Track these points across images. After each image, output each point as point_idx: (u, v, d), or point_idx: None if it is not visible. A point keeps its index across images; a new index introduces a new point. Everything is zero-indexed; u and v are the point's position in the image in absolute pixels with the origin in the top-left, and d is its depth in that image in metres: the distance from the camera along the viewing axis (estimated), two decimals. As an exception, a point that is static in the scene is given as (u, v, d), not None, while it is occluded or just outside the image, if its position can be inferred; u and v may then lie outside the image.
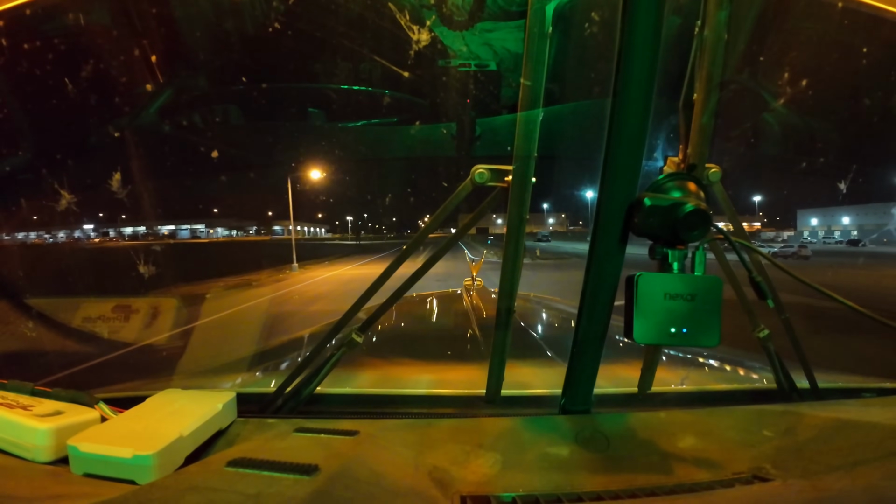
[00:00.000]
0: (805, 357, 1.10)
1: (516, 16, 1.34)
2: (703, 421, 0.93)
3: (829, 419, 0.92)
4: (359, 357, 1.41)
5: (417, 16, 1.29)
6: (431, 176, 3.08)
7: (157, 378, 1.37)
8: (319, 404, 1.06)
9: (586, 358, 0.88)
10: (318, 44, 1.45)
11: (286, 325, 8.99)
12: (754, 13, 1.24)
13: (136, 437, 0.73)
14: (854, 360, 5.22)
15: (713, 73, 0.90)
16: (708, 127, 0.92)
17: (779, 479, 0.74)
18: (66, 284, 8.15)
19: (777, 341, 1.10)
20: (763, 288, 0.89)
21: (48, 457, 0.75)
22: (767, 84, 1.51)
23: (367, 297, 1.03)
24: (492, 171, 0.95)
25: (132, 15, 1.37)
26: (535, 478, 0.76)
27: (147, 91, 1.51)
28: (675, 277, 0.75)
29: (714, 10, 0.87)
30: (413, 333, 2.26)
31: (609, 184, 0.75)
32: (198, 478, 0.63)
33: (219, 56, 1.54)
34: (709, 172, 0.99)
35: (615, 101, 0.71)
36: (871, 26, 1.25)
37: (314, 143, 1.85)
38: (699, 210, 0.71)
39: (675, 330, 0.74)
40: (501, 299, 1.01)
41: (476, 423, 0.92)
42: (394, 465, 0.73)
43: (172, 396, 0.90)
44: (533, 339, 1.83)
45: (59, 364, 2.60)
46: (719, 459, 0.81)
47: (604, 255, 0.79)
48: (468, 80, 1.54)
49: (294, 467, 0.64)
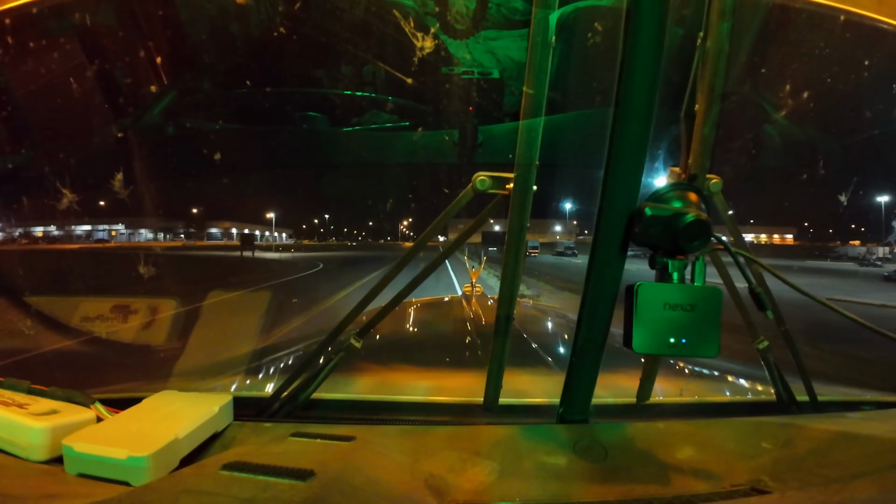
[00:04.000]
0: (804, 369, 1.10)
1: (520, 25, 1.35)
2: (701, 432, 0.93)
3: (828, 432, 0.91)
4: (356, 362, 1.40)
5: (421, 23, 1.30)
6: (432, 182, 3.07)
7: (154, 379, 1.36)
8: (316, 409, 1.06)
9: (585, 367, 0.87)
10: (322, 49, 1.46)
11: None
12: (756, 25, 1.25)
13: (131, 438, 0.73)
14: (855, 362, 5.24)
15: (715, 84, 0.90)
16: (709, 137, 0.92)
17: (777, 492, 0.73)
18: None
19: (776, 353, 1.10)
20: (763, 299, 0.89)
21: (43, 456, 0.74)
22: (769, 95, 1.52)
23: (367, 302, 1.03)
24: (493, 178, 0.95)
25: (138, 16, 1.38)
26: (531, 487, 0.75)
27: (141, 92, 1.52)
28: (675, 287, 0.75)
29: (716, 22, 0.88)
30: (411, 339, 2.25)
31: (610, 193, 0.75)
32: (192, 481, 0.63)
33: (222, 59, 1.55)
34: (710, 183, 0.99)
35: (617, 110, 0.71)
36: (872, 39, 1.26)
37: (315, 147, 1.85)
38: (700, 220, 0.71)
39: (674, 340, 0.74)
40: (500, 306, 1.01)
41: (473, 430, 0.91)
42: (390, 472, 0.73)
43: (169, 398, 0.90)
44: (532, 347, 1.83)
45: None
46: (718, 471, 0.80)
47: (604, 264, 0.79)
48: (471, 88, 1.55)
49: (290, 472, 0.64)
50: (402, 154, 1.77)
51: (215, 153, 1.66)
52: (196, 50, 1.48)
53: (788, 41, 1.37)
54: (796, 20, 1.33)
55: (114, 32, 1.41)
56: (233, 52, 1.51)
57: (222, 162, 1.61)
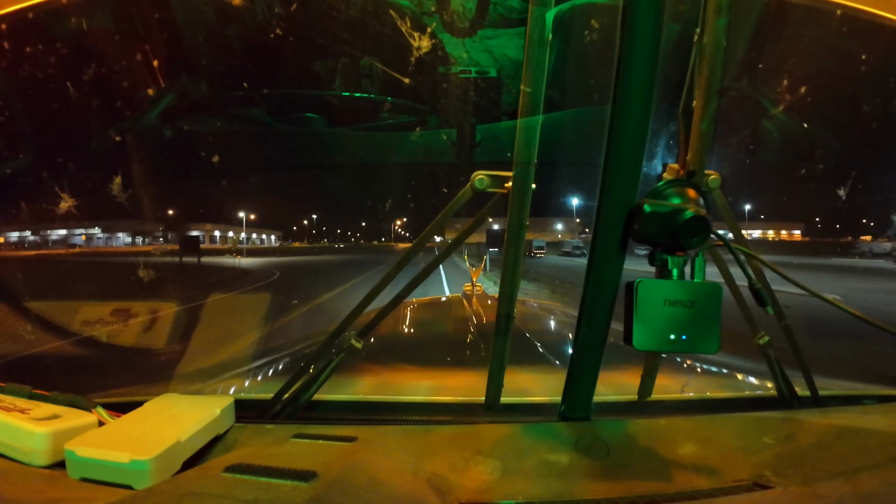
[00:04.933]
0: (805, 364, 1.10)
1: (516, 23, 1.35)
2: (703, 428, 0.93)
3: (829, 426, 0.91)
4: (357, 363, 1.40)
5: (418, 23, 1.29)
6: (430, 182, 3.06)
7: (156, 382, 1.36)
8: (318, 410, 1.06)
9: (586, 364, 0.88)
10: (319, 49, 1.46)
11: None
12: (753, 21, 1.25)
13: (133, 441, 0.73)
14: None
15: (712, 79, 0.90)
16: (707, 133, 0.92)
17: (779, 487, 0.73)
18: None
19: (777, 348, 1.10)
20: (763, 295, 0.89)
21: (45, 461, 0.74)
22: (766, 91, 1.52)
23: (367, 303, 1.03)
24: (492, 177, 0.95)
25: (134, 19, 1.37)
26: (534, 485, 0.75)
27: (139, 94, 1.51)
28: (675, 284, 0.75)
29: (713, 18, 0.88)
30: (412, 339, 2.26)
31: (609, 190, 0.75)
32: (195, 483, 0.63)
33: (221, 60, 1.55)
34: (708, 179, 0.99)
35: (615, 107, 0.71)
36: (870, 34, 1.25)
37: (312, 148, 1.85)
38: (699, 216, 0.71)
39: (674, 336, 0.74)
40: (501, 305, 1.01)
41: (475, 429, 0.91)
42: (392, 472, 0.73)
43: (170, 401, 0.90)
44: (533, 346, 1.83)
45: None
46: (720, 467, 0.80)
47: (603, 261, 0.79)
48: (468, 87, 1.55)
49: (292, 473, 0.64)
50: (400, 154, 1.78)
51: (210, 155, 1.66)
52: (192, 52, 1.48)
53: (785, 36, 1.37)
54: (793, 15, 1.33)
55: (111, 35, 1.41)
56: (230, 54, 1.51)
57: (215, 164, 1.61)
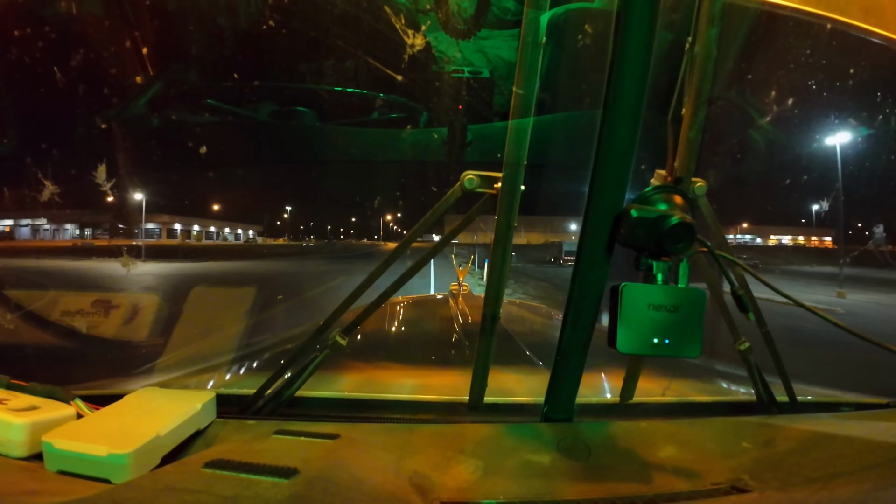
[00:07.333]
0: (784, 370, 1.12)
1: (511, 25, 1.35)
2: (683, 431, 0.94)
3: (807, 432, 0.93)
4: (341, 360, 1.40)
5: (413, 20, 1.29)
6: (420, 180, 3.05)
7: (136, 375, 1.35)
8: (300, 406, 1.05)
9: (569, 366, 0.88)
10: (311, 43, 1.45)
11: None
12: (744, 31, 1.26)
13: (112, 435, 0.72)
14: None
15: (702, 88, 0.91)
16: (695, 141, 0.94)
17: (757, 491, 0.74)
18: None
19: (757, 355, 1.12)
20: (745, 301, 0.91)
21: (22, 452, 0.73)
22: (754, 101, 1.54)
23: (353, 300, 1.02)
24: (481, 177, 0.95)
25: (125, 5, 1.35)
26: (515, 485, 0.76)
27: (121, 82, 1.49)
28: (660, 289, 0.75)
29: (705, 28, 0.89)
30: (397, 337, 2.25)
31: (597, 194, 0.76)
32: (174, 478, 0.62)
33: (211, 50, 1.53)
34: (695, 186, 1.00)
35: (605, 112, 0.72)
36: (858, 48, 1.27)
37: (301, 142, 1.84)
38: (684, 223, 0.72)
39: (657, 340, 0.75)
40: (487, 305, 1.01)
41: (458, 429, 0.91)
42: (374, 470, 0.73)
43: (150, 395, 0.89)
44: (517, 346, 1.84)
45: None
46: (699, 470, 0.81)
47: (590, 265, 0.80)
48: (461, 86, 1.55)
49: (273, 470, 0.63)
50: (391, 151, 1.77)
51: (192, 146, 1.63)
52: (183, 41, 1.46)
53: (775, 48, 1.39)
54: (784, 27, 1.35)
55: (100, 21, 1.38)
56: (220, 44, 1.49)
57: (194, 155, 1.59)
